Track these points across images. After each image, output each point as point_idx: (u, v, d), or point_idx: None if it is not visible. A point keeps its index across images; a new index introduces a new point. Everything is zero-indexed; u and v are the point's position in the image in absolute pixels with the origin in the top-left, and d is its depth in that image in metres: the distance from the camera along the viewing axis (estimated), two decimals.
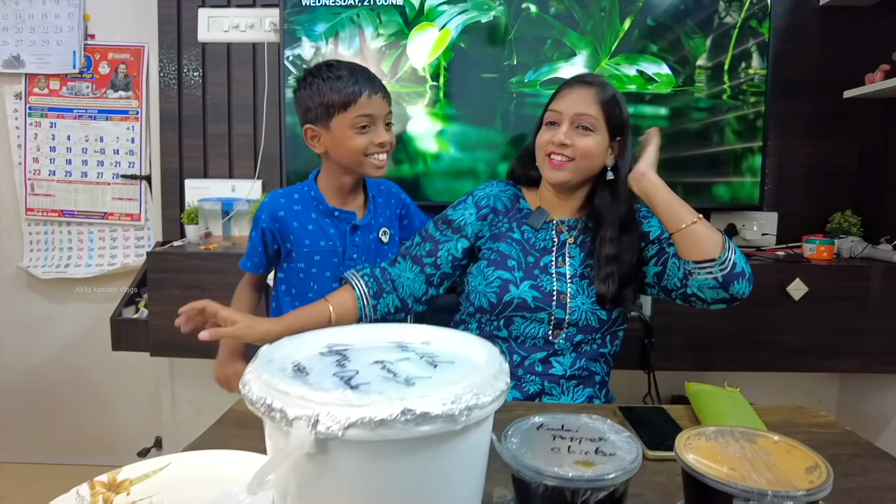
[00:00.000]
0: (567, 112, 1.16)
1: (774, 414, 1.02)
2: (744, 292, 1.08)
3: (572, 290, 1.18)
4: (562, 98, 1.18)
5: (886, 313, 1.78)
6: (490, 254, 1.22)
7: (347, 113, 1.16)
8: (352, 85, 1.16)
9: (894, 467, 0.83)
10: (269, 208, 1.24)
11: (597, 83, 1.19)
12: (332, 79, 1.17)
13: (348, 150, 1.18)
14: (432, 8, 1.94)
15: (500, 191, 1.28)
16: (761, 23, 1.92)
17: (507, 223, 1.24)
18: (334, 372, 0.51)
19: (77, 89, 2.24)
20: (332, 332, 0.61)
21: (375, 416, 0.42)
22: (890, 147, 1.97)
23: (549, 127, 1.19)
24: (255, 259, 1.28)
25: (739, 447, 0.57)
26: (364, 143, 1.17)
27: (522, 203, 1.27)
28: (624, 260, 1.16)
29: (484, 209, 1.25)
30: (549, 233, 1.23)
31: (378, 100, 1.18)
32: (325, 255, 1.24)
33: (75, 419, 2.41)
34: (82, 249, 2.32)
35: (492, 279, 1.19)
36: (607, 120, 1.17)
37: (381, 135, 1.18)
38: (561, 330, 1.17)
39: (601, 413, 1.01)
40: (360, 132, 1.17)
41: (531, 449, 0.57)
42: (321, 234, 1.24)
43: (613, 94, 1.19)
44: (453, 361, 0.54)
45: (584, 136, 1.15)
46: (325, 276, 1.25)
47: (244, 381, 0.50)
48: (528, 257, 1.20)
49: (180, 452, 0.80)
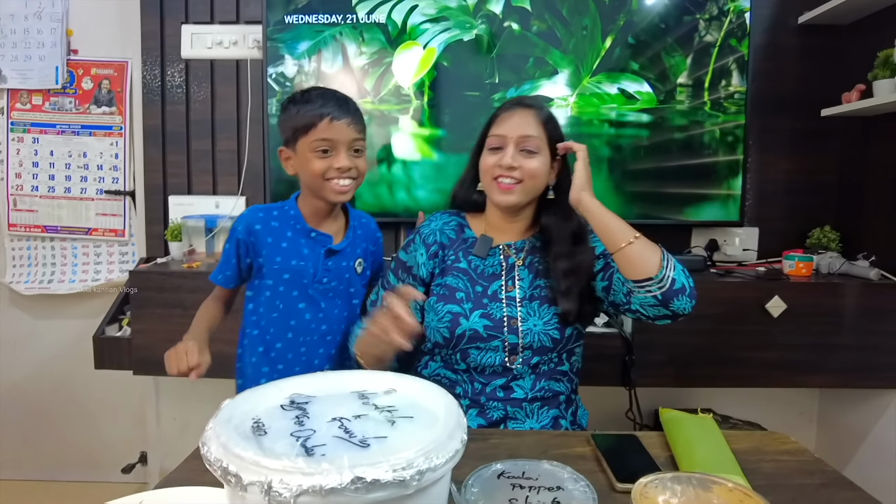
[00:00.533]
0: (511, 135, 1.17)
1: (745, 440, 1.04)
2: (685, 308, 1.07)
3: (523, 313, 1.19)
4: (503, 122, 1.19)
5: (863, 329, 1.81)
6: (439, 289, 1.22)
7: (308, 136, 1.17)
8: (317, 109, 1.17)
9: (858, 498, 0.84)
10: (246, 221, 1.24)
11: (536, 105, 1.21)
12: (302, 102, 1.19)
13: (309, 173, 1.19)
14: (415, 26, 1.95)
15: (444, 223, 1.29)
16: (740, 41, 1.95)
17: (453, 255, 1.25)
18: (292, 431, 0.51)
19: (60, 105, 2.23)
20: (297, 381, 0.62)
21: (326, 485, 0.43)
22: (868, 163, 2.00)
23: (493, 152, 1.19)
24: (227, 272, 1.26)
25: (695, 495, 0.58)
26: (322, 167, 1.17)
27: (468, 232, 1.28)
28: (581, 273, 1.18)
29: (433, 246, 1.26)
30: (497, 258, 1.23)
31: (341, 125, 1.17)
32: (295, 274, 1.23)
33: (59, 435, 2.39)
34: (66, 265, 2.32)
35: (442, 314, 1.19)
36: (549, 140, 1.19)
37: (340, 160, 1.17)
38: (517, 355, 1.17)
39: (573, 441, 1.03)
40: (321, 156, 1.17)
41: (490, 498, 0.58)
42: (294, 253, 1.23)
43: (550, 114, 1.21)
44: (412, 416, 0.55)
45: (530, 158, 1.17)
46: (292, 295, 1.24)
47: (204, 439, 0.50)
48: (476, 287, 1.21)
49: (152, 490, 0.80)
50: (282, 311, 1.24)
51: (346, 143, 1.18)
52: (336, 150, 1.18)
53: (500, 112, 1.22)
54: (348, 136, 1.18)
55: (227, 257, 1.25)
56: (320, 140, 1.16)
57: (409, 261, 1.26)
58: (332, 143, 1.17)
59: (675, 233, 2.13)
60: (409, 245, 1.29)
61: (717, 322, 1.80)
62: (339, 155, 1.18)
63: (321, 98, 1.19)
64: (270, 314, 1.25)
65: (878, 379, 1.84)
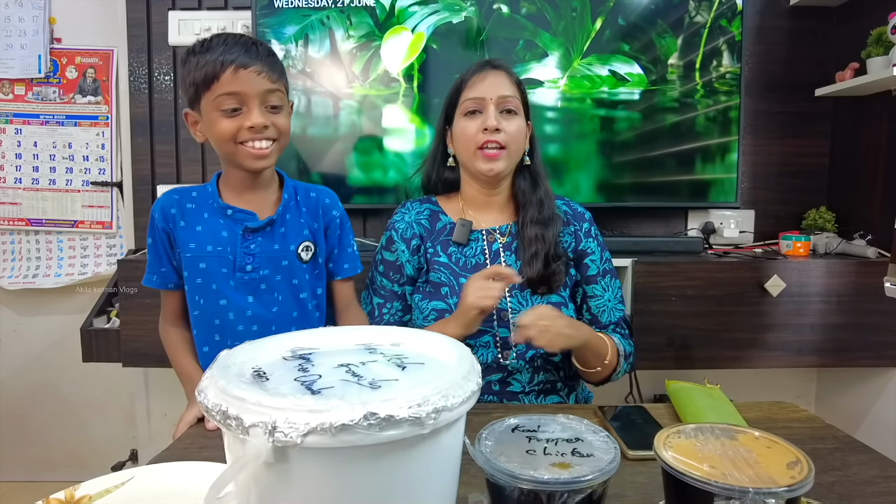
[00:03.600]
0: (490, 96, 1.11)
1: (754, 410, 1.02)
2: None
3: (513, 303, 1.13)
4: (477, 84, 1.12)
5: (861, 308, 1.80)
6: (423, 286, 1.17)
7: (211, 91, 0.95)
8: (218, 56, 0.94)
9: (872, 460, 0.82)
10: (161, 205, 1.04)
11: (505, 67, 1.17)
12: (202, 52, 0.96)
13: (217, 137, 0.98)
14: (403, 9, 1.92)
15: (417, 213, 1.21)
16: (731, 22, 1.94)
17: (431, 248, 1.18)
18: (296, 377, 0.48)
19: (43, 94, 2.18)
20: (298, 335, 0.59)
21: (336, 422, 0.40)
22: (860, 143, 2.00)
23: (471, 117, 1.12)
24: (161, 269, 1.06)
25: (720, 444, 0.56)
26: (231, 127, 0.95)
27: (443, 219, 1.20)
28: (548, 237, 1.13)
29: (413, 241, 1.19)
30: (480, 244, 1.17)
31: (248, 74, 0.94)
32: (212, 262, 1.03)
33: (46, 435, 2.33)
34: (51, 259, 2.26)
35: (427, 312, 1.14)
36: (523, 101, 1.16)
37: (252, 117, 0.95)
38: (510, 350, 1.11)
39: (580, 413, 1.00)
40: (229, 115, 0.96)
41: (506, 452, 0.55)
42: (210, 237, 1.03)
43: (518, 76, 1.18)
44: (423, 363, 0.52)
45: (511, 119, 1.12)
46: (211, 289, 1.03)
47: (200, 388, 0.47)
48: (461, 279, 1.13)
49: (145, 465, 0.77)
50: (203, 307, 1.05)
51: (257, 97, 0.96)
52: (246, 105, 0.96)
53: (469, 76, 1.15)
54: (259, 86, 0.96)
55: (155, 253, 1.06)
56: (225, 95, 0.94)
57: (394, 259, 1.18)
58: (241, 97, 0.95)
59: (670, 215, 2.12)
60: (389, 244, 1.20)
61: (716, 303, 1.79)
62: (250, 112, 0.96)
63: (223, 45, 0.95)
64: (193, 312, 1.06)
65: (877, 358, 1.84)
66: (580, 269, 1.20)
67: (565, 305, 1.15)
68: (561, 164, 1.95)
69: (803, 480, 0.49)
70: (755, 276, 1.79)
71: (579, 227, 1.21)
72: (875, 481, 0.76)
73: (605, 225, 2.03)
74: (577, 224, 1.22)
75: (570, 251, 1.20)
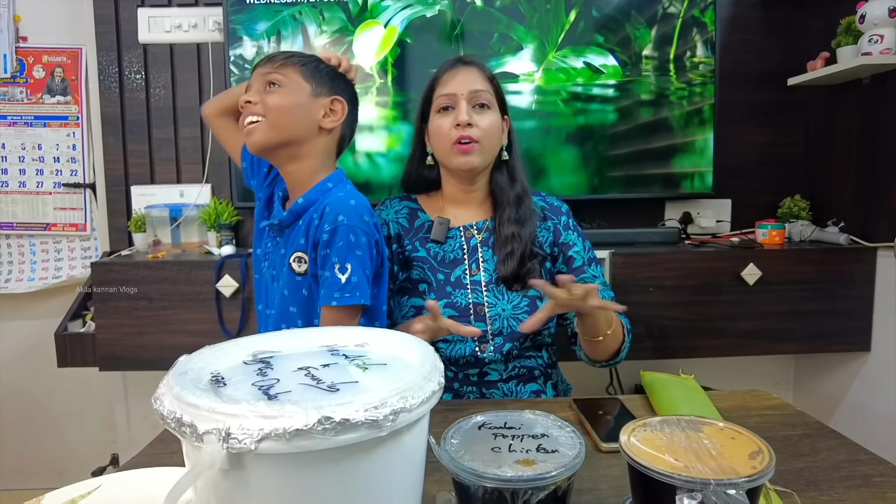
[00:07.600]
0: (461, 92, 1.11)
1: (728, 399, 1.03)
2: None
3: (490, 298, 1.14)
4: (449, 80, 1.13)
5: (835, 294, 1.83)
6: (404, 282, 1.18)
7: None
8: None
9: (841, 445, 0.84)
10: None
11: (477, 62, 1.17)
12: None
13: None
14: (376, 3, 1.90)
15: (395, 211, 1.22)
16: (704, 13, 1.95)
17: (409, 245, 1.18)
18: (254, 381, 0.48)
19: (10, 95, 2.14)
20: (261, 338, 0.58)
21: (290, 427, 0.39)
22: (832, 132, 2.02)
23: (443, 113, 1.13)
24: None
25: (685, 436, 0.56)
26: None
27: (422, 217, 1.21)
28: (524, 236, 1.14)
29: (393, 236, 1.20)
30: (458, 241, 1.18)
31: (259, 69, 1.06)
32: (256, 258, 1.18)
33: (21, 443, 2.29)
34: (24, 263, 2.22)
35: (406, 309, 1.15)
36: (497, 96, 1.16)
37: (248, 94, 1.04)
38: (487, 343, 1.12)
39: (555, 406, 1.01)
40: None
41: (471, 450, 0.54)
42: (258, 233, 1.17)
43: (492, 72, 1.18)
44: (385, 364, 0.52)
45: (484, 114, 1.12)
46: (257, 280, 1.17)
47: (156, 395, 0.46)
48: (438, 275, 1.15)
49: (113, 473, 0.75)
50: (257, 298, 1.18)
51: (259, 78, 1.05)
52: (252, 88, 1.06)
53: (441, 73, 1.15)
54: (260, 72, 1.05)
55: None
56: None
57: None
58: (249, 85, 1.07)
59: (648, 206, 2.13)
60: None
61: (694, 293, 1.80)
62: (250, 90, 1.06)
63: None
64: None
65: (851, 343, 1.87)
66: (566, 263, 1.20)
67: (540, 299, 1.15)
68: (537, 156, 1.95)
69: (763, 470, 0.50)
70: (732, 265, 1.81)
71: (557, 221, 1.22)
72: (842, 466, 0.77)
73: (583, 217, 2.03)
74: (554, 218, 1.22)
75: (547, 245, 1.20)
